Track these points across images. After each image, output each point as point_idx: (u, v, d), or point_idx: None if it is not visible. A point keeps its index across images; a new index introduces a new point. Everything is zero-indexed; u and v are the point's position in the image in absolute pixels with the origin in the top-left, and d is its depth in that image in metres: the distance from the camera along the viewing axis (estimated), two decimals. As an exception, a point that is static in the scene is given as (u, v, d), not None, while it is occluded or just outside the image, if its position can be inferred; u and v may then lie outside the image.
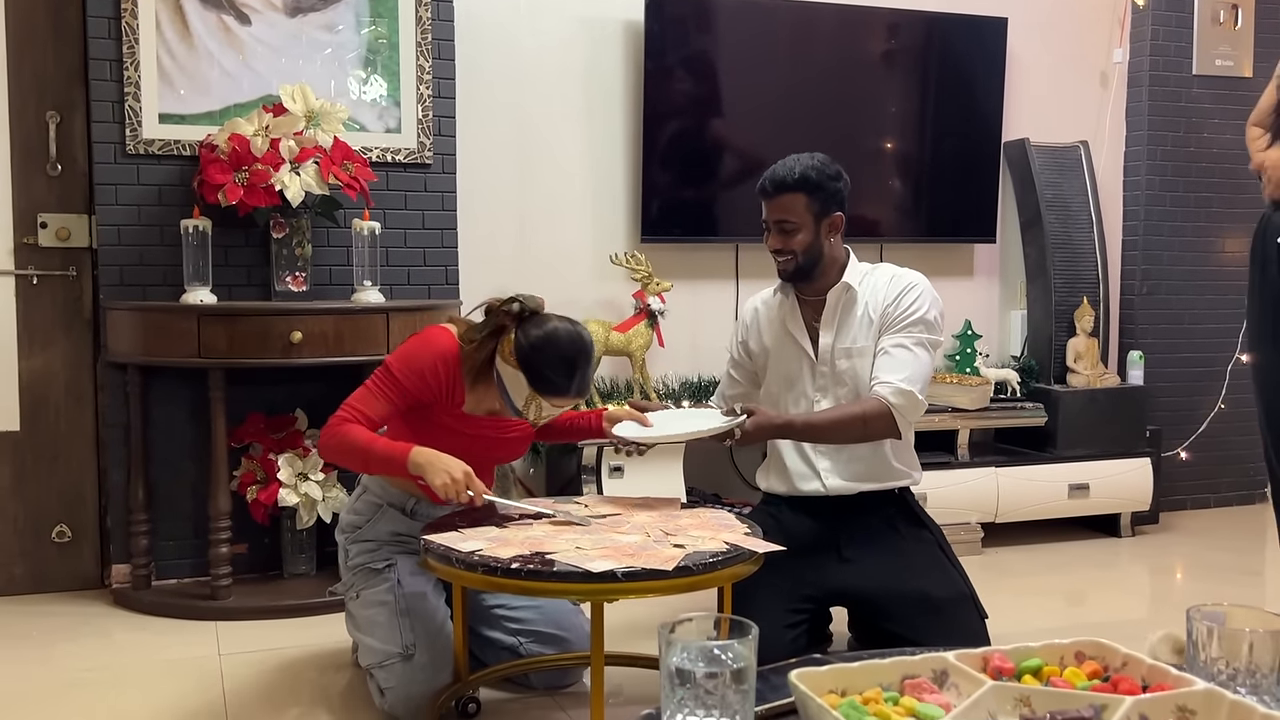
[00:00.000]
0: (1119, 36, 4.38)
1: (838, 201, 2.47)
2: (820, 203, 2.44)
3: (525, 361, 2.24)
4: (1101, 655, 1.25)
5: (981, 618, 2.40)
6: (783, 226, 2.45)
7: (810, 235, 2.45)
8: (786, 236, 2.45)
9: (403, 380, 2.26)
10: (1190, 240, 4.38)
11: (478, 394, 2.35)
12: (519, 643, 2.46)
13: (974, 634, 2.32)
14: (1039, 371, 4.12)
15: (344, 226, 3.31)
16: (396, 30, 3.38)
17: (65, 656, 2.76)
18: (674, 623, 1.08)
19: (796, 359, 2.55)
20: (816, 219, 2.45)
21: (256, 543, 3.32)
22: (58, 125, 3.25)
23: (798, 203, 2.43)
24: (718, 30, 3.79)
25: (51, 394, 3.28)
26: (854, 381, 2.48)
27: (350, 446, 2.22)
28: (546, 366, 2.23)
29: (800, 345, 2.54)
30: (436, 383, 2.27)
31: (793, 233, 2.44)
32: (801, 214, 2.43)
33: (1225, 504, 4.46)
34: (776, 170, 2.46)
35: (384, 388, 2.27)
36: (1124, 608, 3.32)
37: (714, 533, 2.11)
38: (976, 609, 2.41)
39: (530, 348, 2.23)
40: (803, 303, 2.56)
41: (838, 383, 2.50)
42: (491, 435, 2.37)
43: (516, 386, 2.29)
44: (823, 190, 2.44)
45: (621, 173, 3.84)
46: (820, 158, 2.46)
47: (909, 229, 4.10)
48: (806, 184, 2.42)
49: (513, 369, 2.26)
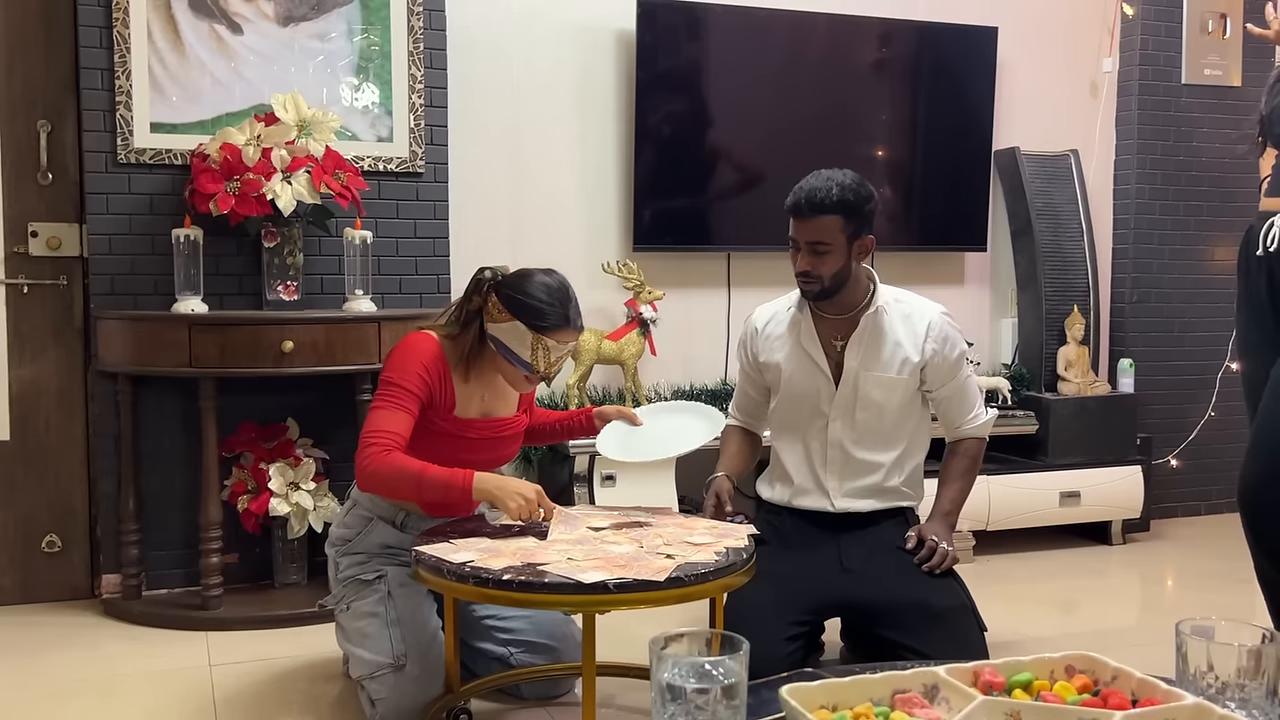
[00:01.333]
0: (1109, 46, 4.40)
1: (869, 223, 2.44)
2: (855, 225, 2.40)
3: (517, 307, 2.24)
4: (1092, 669, 1.25)
5: (981, 629, 2.40)
6: (816, 249, 2.40)
7: (842, 258, 2.41)
8: (818, 259, 2.40)
9: (408, 385, 2.24)
10: (1180, 248, 4.40)
11: (468, 392, 2.35)
12: (509, 653, 2.46)
13: (973, 645, 2.32)
14: (1030, 380, 4.13)
15: (336, 235, 3.31)
16: (389, 39, 3.39)
17: (55, 667, 2.75)
18: (665, 638, 1.08)
19: (811, 378, 2.54)
20: (849, 241, 2.41)
21: (247, 552, 3.31)
22: (49, 134, 3.24)
23: (834, 225, 2.38)
24: (709, 40, 3.80)
25: (42, 403, 3.27)
26: (879, 410, 2.51)
27: (401, 475, 2.14)
28: (539, 300, 2.24)
29: (816, 364, 2.53)
30: (431, 382, 2.27)
31: (825, 255, 2.40)
32: (836, 236, 2.38)
33: (1216, 511, 4.47)
34: (815, 189, 2.38)
35: (396, 399, 2.23)
36: (1115, 616, 3.33)
37: (716, 539, 2.12)
38: (976, 621, 2.40)
39: (517, 292, 2.25)
40: (819, 319, 2.53)
41: (860, 407, 2.51)
42: (487, 436, 2.38)
43: (516, 339, 2.26)
44: (859, 213, 2.40)
45: (614, 181, 3.84)
46: (854, 176, 2.42)
47: (900, 237, 4.11)
48: (845, 206, 2.37)
49: (506, 323, 2.26)
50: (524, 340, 2.25)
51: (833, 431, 2.53)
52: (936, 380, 2.53)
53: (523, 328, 2.24)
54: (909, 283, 2.99)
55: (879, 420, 2.52)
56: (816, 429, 2.55)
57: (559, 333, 2.26)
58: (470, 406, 2.35)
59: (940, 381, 2.53)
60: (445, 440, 2.31)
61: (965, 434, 2.59)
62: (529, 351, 2.26)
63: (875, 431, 2.53)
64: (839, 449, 2.53)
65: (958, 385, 2.56)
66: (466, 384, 2.35)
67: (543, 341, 2.25)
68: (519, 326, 2.25)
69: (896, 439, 2.55)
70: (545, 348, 2.26)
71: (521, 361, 2.28)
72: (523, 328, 2.24)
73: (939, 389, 2.54)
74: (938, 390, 2.55)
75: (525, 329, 2.24)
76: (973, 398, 2.59)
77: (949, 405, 2.57)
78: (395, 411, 2.21)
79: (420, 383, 2.25)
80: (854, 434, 2.52)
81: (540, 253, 3.73)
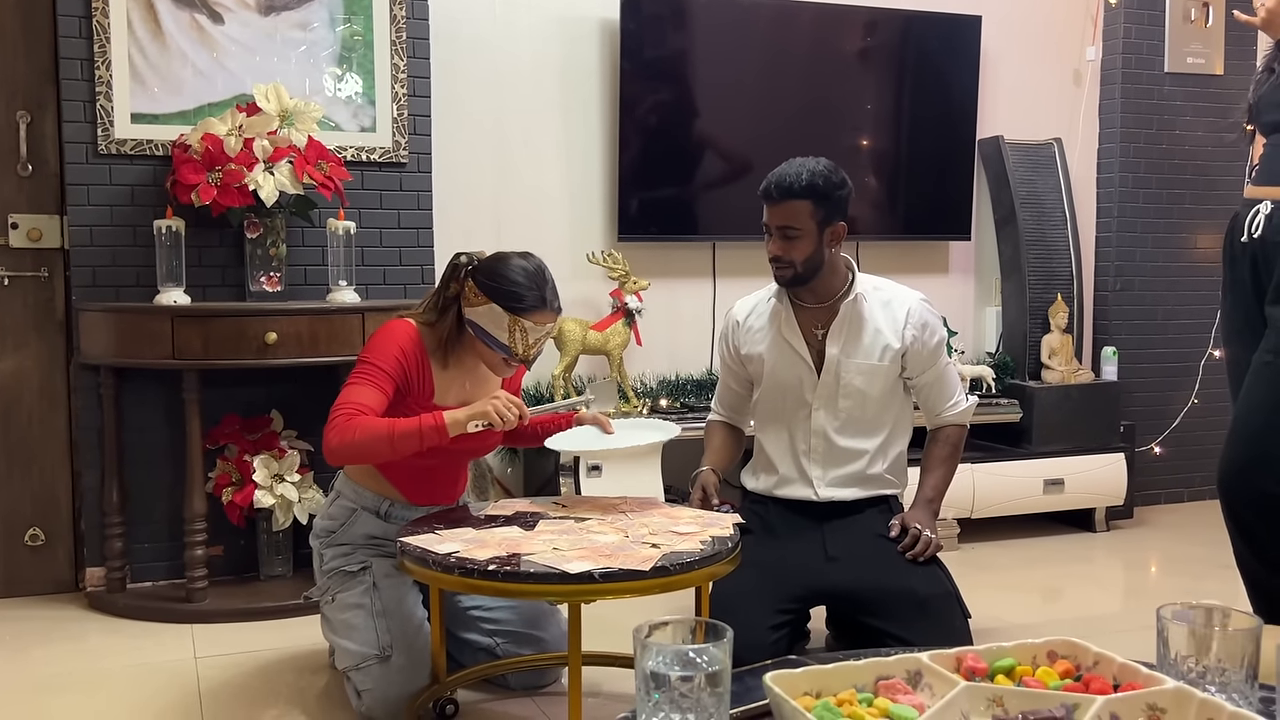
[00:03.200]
0: (1092, 34, 4.41)
1: (841, 210, 2.46)
2: (825, 211, 2.42)
3: (493, 290, 2.24)
4: (1073, 654, 1.26)
5: (965, 616, 2.42)
6: (786, 233, 2.43)
7: (812, 244, 2.43)
8: (789, 243, 2.43)
9: (383, 364, 2.24)
10: (1163, 236, 4.42)
11: (448, 380, 2.35)
12: (495, 643, 2.46)
13: (957, 632, 2.33)
14: (1014, 368, 4.14)
15: (319, 226, 3.30)
16: (371, 28, 3.37)
17: (39, 660, 2.73)
18: (650, 626, 1.09)
19: (793, 367, 2.55)
20: (820, 227, 2.43)
21: (232, 545, 3.30)
22: (28, 125, 3.21)
23: (803, 210, 2.40)
24: (694, 29, 3.79)
25: (24, 396, 3.25)
26: (862, 397, 2.52)
27: (371, 436, 2.13)
28: (515, 283, 2.25)
29: (799, 353, 2.54)
30: (409, 368, 2.27)
31: (795, 239, 2.42)
32: (806, 221, 2.41)
33: (1199, 498, 4.49)
34: (784, 174, 2.42)
35: (369, 376, 2.23)
36: (1099, 602, 3.35)
37: (702, 529, 2.13)
38: (960, 608, 2.42)
39: (492, 276, 2.26)
40: (799, 308, 2.55)
41: (843, 395, 2.53)
42: None
43: (494, 323, 2.26)
44: (829, 199, 2.42)
45: (598, 171, 3.83)
46: (826, 163, 2.44)
47: (884, 226, 4.12)
48: (814, 191, 2.40)
49: (483, 307, 2.26)
50: (501, 323, 2.25)
51: (816, 420, 2.54)
52: (917, 366, 2.54)
53: (500, 311, 2.24)
54: (894, 272, 3.01)
55: (861, 408, 2.53)
56: (800, 418, 2.56)
57: (536, 314, 2.26)
58: (450, 395, 2.35)
59: (921, 368, 2.55)
60: None
61: (946, 421, 2.61)
62: (507, 334, 2.26)
63: (858, 419, 2.54)
64: (822, 437, 2.54)
65: (938, 372, 2.57)
66: (446, 371, 2.34)
67: (520, 324, 2.25)
68: (496, 310, 2.25)
69: (879, 426, 2.56)
70: (523, 330, 2.26)
71: (500, 345, 2.27)
72: (500, 311, 2.24)
73: (919, 375, 2.56)
74: (918, 377, 2.56)
75: (502, 312, 2.24)
76: (953, 384, 2.61)
77: (929, 392, 2.59)
78: (366, 387, 2.21)
79: (395, 364, 2.25)
80: (837, 422, 2.54)
81: (525, 243, 3.68)
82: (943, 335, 2.58)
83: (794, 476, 2.57)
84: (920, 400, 2.62)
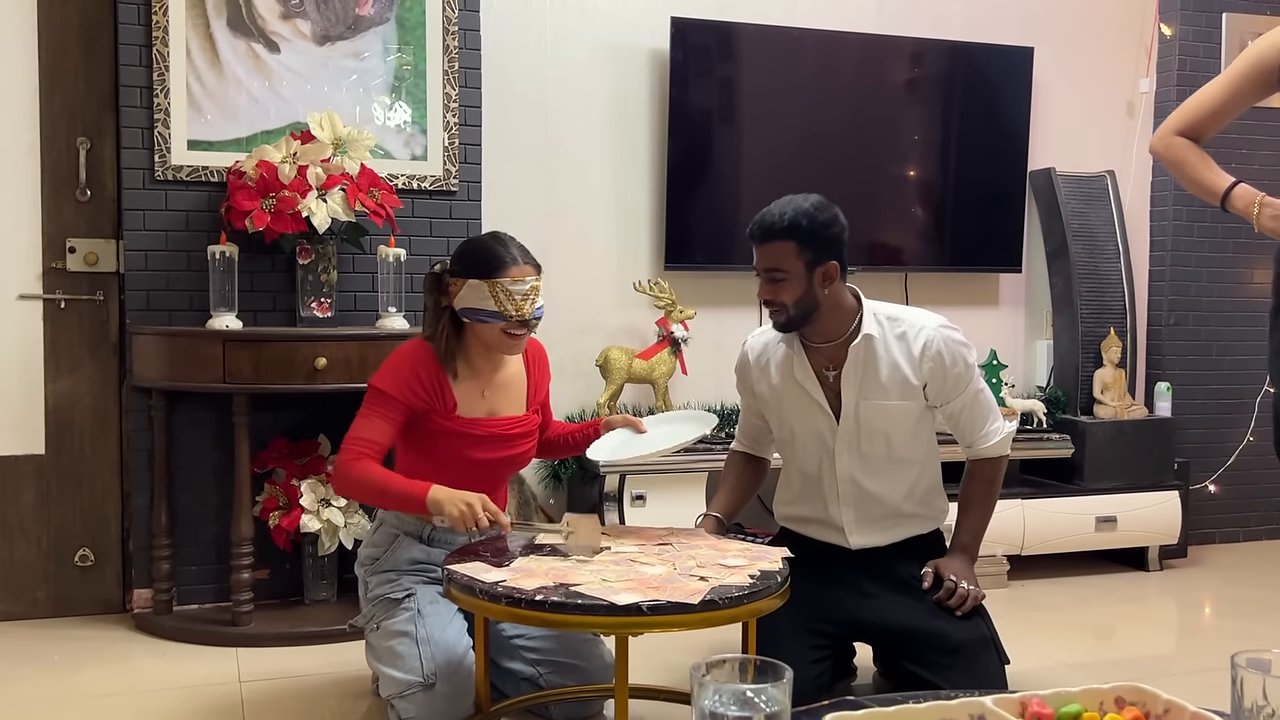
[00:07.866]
0: (1146, 66, 4.36)
1: (833, 249, 2.33)
2: (812, 251, 2.30)
3: (465, 268, 2.33)
4: (1143, 701, 1.22)
5: (1002, 663, 2.33)
6: (772, 275, 2.33)
7: (801, 286, 2.32)
8: (776, 286, 2.33)
9: (390, 392, 2.31)
10: (1217, 270, 4.34)
11: (468, 390, 2.38)
12: (538, 673, 2.44)
13: (992, 678, 2.26)
14: (1065, 402, 4.08)
15: (369, 253, 3.32)
16: (424, 58, 3.40)
17: (87, 681, 2.75)
18: (706, 664, 1.07)
19: (809, 412, 2.46)
20: (809, 268, 2.31)
21: (278, 568, 3.31)
22: (88, 151, 3.27)
23: (787, 251, 2.30)
24: (742, 59, 3.79)
25: (77, 418, 3.29)
26: (886, 438, 2.43)
27: (366, 485, 2.26)
28: (479, 250, 2.34)
29: (814, 399, 2.44)
30: (422, 387, 2.32)
31: (783, 282, 2.32)
32: (791, 263, 2.30)
33: (1255, 538, 4.40)
34: (767, 214, 2.33)
35: (377, 408, 2.31)
36: (1152, 643, 3.27)
37: (750, 562, 2.10)
38: (998, 653, 2.34)
39: (460, 258, 2.36)
40: (810, 349, 2.45)
41: (865, 439, 2.43)
42: (494, 434, 2.40)
43: (477, 297, 2.31)
44: (814, 238, 2.30)
45: (645, 200, 3.84)
46: (814, 201, 2.33)
47: (934, 258, 4.08)
48: (796, 231, 2.29)
49: (464, 289, 2.32)
50: (484, 293, 2.30)
51: (841, 466, 2.45)
52: (941, 396, 2.43)
53: (477, 282, 2.30)
54: (943, 304, 2.98)
55: (887, 449, 2.44)
56: (825, 465, 2.48)
57: (510, 269, 2.31)
58: (473, 405, 2.38)
59: (946, 397, 2.44)
60: (451, 440, 2.35)
61: (980, 454, 2.50)
62: (492, 301, 2.30)
63: (885, 459, 2.45)
64: (850, 483, 2.46)
65: (967, 399, 2.45)
66: (463, 381, 2.38)
67: (499, 285, 2.29)
68: (474, 284, 2.30)
69: (908, 464, 2.48)
70: (505, 290, 2.29)
71: (491, 314, 2.31)
72: (477, 282, 2.30)
73: (945, 405, 2.45)
74: (945, 406, 2.46)
75: (480, 282, 2.30)
76: (984, 412, 2.47)
77: (960, 421, 2.47)
78: (373, 419, 2.30)
79: (403, 389, 2.31)
80: (863, 465, 2.45)
81: (571, 271, 3.73)
82: (969, 361, 2.43)
83: (824, 519, 2.50)
84: (951, 429, 2.51)
